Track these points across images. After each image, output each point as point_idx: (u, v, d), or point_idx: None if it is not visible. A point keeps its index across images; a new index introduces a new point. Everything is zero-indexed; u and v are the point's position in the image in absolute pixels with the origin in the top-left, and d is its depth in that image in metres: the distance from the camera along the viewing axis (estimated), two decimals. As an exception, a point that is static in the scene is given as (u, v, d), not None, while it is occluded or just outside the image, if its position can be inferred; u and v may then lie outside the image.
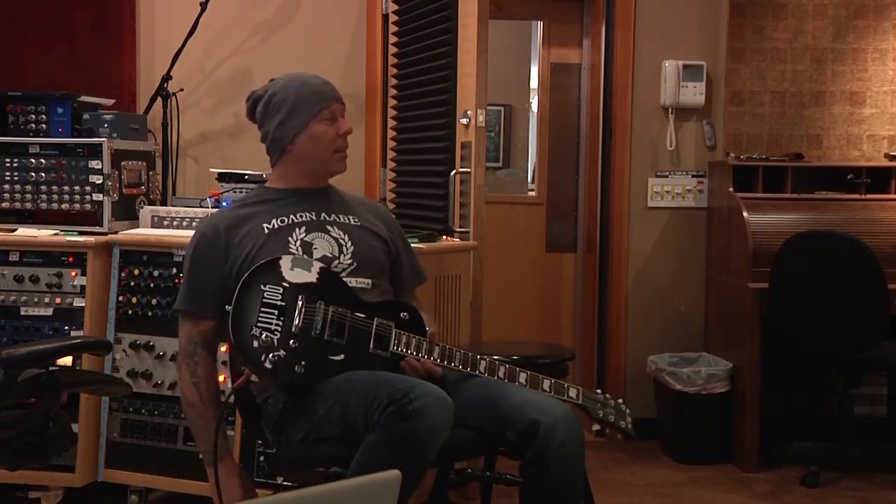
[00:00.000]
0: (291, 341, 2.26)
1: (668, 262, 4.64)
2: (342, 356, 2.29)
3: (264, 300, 2.27)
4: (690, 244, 4.63)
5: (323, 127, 2.48)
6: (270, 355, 2.23)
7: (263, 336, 2.24)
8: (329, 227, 2.48)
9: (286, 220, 2.47)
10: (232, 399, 2.41)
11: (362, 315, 2.33)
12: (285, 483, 3.17)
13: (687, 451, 4.25)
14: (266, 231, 2.44)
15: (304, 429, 2.30)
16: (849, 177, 4.38)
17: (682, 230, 4.64)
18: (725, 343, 4.39)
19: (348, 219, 2.53)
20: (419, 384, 2.12)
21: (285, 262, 2.33)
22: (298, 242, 2.43)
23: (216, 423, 2.39)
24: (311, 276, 2.34)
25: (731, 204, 4.32)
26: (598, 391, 2.50)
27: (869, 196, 4.38)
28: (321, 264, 2.37)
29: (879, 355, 3.90)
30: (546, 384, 2.38)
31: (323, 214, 2.51)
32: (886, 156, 4.55)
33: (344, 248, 2.46)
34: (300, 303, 2.28)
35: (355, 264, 2.44)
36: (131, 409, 3.36)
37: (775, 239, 4.05)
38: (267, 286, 2.29)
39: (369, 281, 2.45)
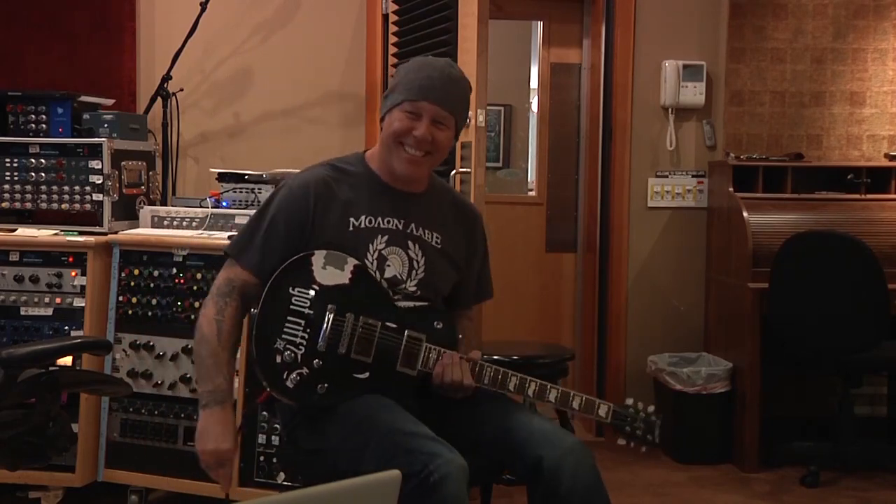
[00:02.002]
0: (316, 360, 2.17)
1: (668, 262, 4.64)
2: (367, 374, 2.21)
3: (292, 306, 2.18)
4: (690, 244, 4.63)
5: (400, 116, 2.28)
6: (293, 374, 2.15)
7: (287, 352, 2.16)
8: (410, 243, 2.33)
9: (374, 220, 2.31)
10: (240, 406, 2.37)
11: (393, 326, 2.23)
12: (285, 483, 3.17)
13: (687, 451, 4.25)
14: (351, 228, 2.29)
15: (315, 445, 2.23)
16: (849, 177, 4.38)
17: (682, 230, 4.64)
18: (725, 343, 4.39)
19: (432, 236, 2.37)
20: (437, 451, 2.00)
21: (317, 259, 2.22)
22: (376, 254, 2.29)
23: (227, 367, 2.25)
24: (343, 277, 2.22)
25: (731, 204, 4.32)
26: (629, 401, 2.36)
27: (869, 196, 4.38)
28: (356, 262, 2.25)
29: (879, 355, 3.90)
30: (576, 402, 2.27)
31: (412, 226, 2.35)
32: (886, 156, 4.55)
33: (414, 272, 2.32)
34: (329, 314, 2.19)
35: (418, 292, 2.33)
36: (131, 409, 3.36)
37: (775, 239, 4.05)
38: (296, 289, 2.19)
39: (426, 304, 2.34)
